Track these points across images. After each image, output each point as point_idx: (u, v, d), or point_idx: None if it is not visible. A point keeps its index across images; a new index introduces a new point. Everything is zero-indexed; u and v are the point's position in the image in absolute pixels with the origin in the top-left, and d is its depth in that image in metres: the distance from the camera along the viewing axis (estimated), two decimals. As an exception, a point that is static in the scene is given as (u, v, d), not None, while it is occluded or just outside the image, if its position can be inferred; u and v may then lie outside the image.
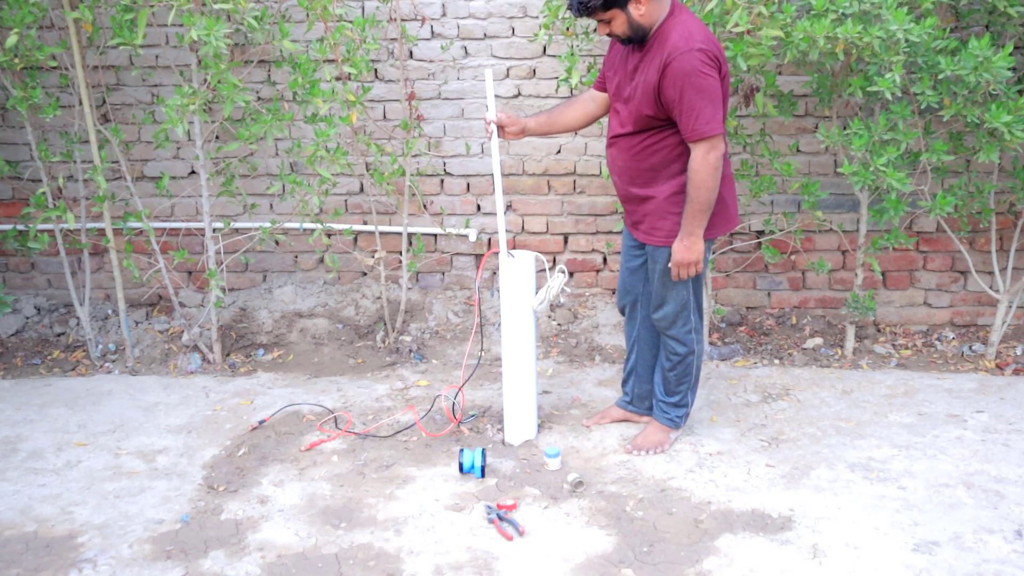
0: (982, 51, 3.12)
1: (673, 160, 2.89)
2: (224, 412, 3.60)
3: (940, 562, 2.54)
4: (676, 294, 3.01)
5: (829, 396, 3.62)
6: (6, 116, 4.36)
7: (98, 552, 2.68)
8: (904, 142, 3.41)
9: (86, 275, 4.17)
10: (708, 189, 2.80)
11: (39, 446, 3.35)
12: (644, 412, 3.34)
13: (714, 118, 2.73)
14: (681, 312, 3.04)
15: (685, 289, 3.01)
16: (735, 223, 3.05)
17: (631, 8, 2.75)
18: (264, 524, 2.81)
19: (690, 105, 2.72)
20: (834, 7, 3.12)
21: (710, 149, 2.76)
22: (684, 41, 2.71)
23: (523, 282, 3.14)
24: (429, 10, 4.18)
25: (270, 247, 4.45)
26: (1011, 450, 3.14)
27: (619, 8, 2.75)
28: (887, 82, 3.21)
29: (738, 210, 3.09)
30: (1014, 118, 3.22)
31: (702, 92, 2.71)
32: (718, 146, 2.77)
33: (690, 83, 2.70)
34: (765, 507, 2.83)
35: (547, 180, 4.32)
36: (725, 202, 2.96)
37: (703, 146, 2.76)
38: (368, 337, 4.27)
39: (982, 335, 4.17)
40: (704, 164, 2.77)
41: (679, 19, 2.78)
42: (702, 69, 2.70)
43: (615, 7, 2.75)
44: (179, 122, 3.55)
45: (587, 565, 2.57)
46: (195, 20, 3.37)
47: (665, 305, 3.04)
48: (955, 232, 3.98)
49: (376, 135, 4.24)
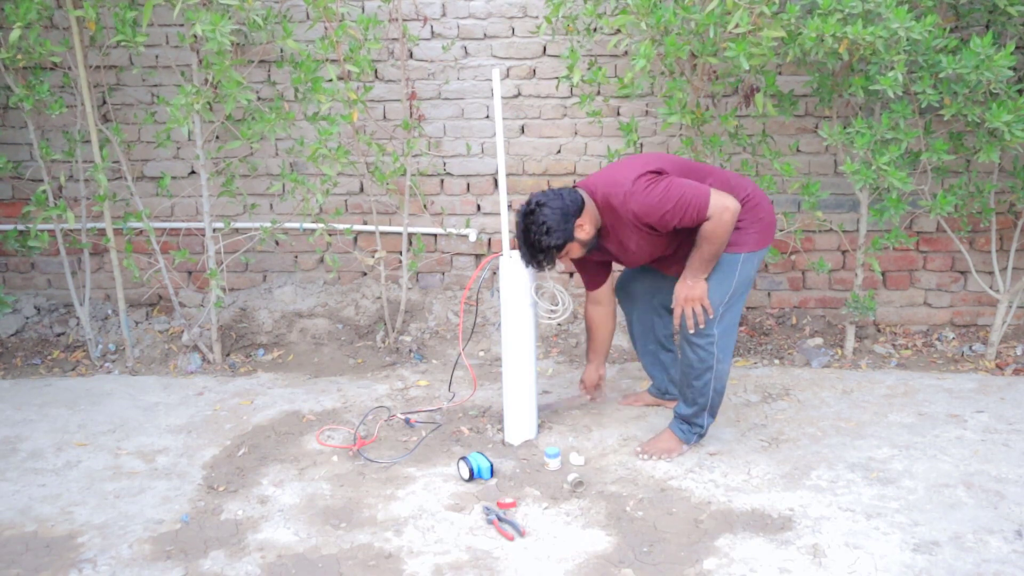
0: (984, 50, 3.12)
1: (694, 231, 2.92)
2: (224, 412, 3.60)
3: (940, 562, 2.54)
4: (714, 296, 2.96)
5: (829, 396, 3.62)
6: (7, 115, 4.36)
7: (98, 552, 2.68)
8: (906, 140, 3.41)
9: (86, 275, 4.17)
10: (720, 243, 2.88)
11: (39, 446, 3.35)
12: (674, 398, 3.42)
13: (698, 194, 2.81)
14: (707, 318, 2.97)
15: (723, 294, 2.96)
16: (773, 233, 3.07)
17: (578, 235, 2.92)
18: (264, 524, 2.81)
19: (677, 210, 2.81)
20: (840, 7, 3.12)
21: (720, 212, 2.82)
22: (621, 190, 2.84)
23: (523, 282, 3.14)
24: (429, 10, 4.18)
25: (270, 247, 4.45)
26: (1011, 450, 3.14)
27: (570, 243, 2.93)
28: (889, 81, 3.21)
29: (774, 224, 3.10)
30: (1014, 117, 3.22)
31: (672, 197, 2.80)
32: (724, 205, 2.82)
33: (660, 204, 2.80)
34: (765, 507, 2.83)
35: (547, 180, 4.32)
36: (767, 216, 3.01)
37: (713, 215, 2.83)
38: (368, 337, 4.27)
39: (982, 335, 4.17)
40: (719, 224, 2.84)
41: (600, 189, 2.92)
42: (652, 188, 2.81)
43: (567, 243, 2.92)
44: (184, 122, 3.55)
45: (587, 565, 2.57)
46: (199, 15, 3.36)
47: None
48: (955, 232, 3.98)
49: (377, 135, 4.24)
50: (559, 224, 2.87)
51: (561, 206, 2.87)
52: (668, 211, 2.80)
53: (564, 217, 2.87)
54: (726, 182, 2.97)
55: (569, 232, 2.89)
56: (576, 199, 2.91)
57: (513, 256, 3.15)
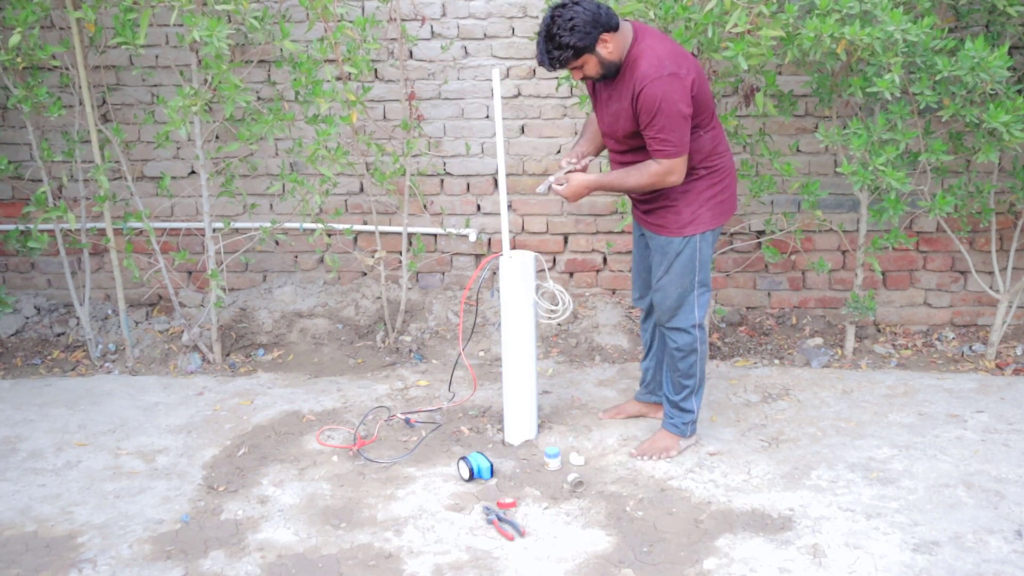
0: (978, 52, 3.12)
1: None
2: (224, 412, 3.60)
3: (940, 562, 2.54)
4: (679, 284, 3.02)
5: (829, 396, 3.62)
6: (7, 116, 4.36)
7: (98, 552, 2.68)
8: (903, 142, 3.41)
9: (86, 275, 4.17)
10: (640, 186, 2.91)
11: (39, 446, 3.35)
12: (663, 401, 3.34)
13: (681, 142, 2.82)
14: (682, 306, 3.03)
15: (689, 280, 3.02)
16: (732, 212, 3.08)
17: (599, 49, 2.81)
18: (264, 524, 2.81)
19: (659, 129, 2.81)
20: (838, 7, 3.13)
21: (671, 171, 2.86)
22: (653, 68, 2.78)
23: (523, 282, 3.14)
24: (429, 10, 4.18)
25: (270, 247, 4.45)
26: (1011, 450, 3.14)
27: (589, 53, 2.82)
28: (886, 83, 3.21)
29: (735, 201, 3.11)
30: (1012, 118, 3.22)
31: (671, 118, 2.79)
32: (679, 169, 2.86)
33: (660, 110, 2.78)
34: (765, 507, 2.83)
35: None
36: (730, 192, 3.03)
37: (666, 164, 2.85)
38: (368, 337, 4.27)
39: (982, 335, 4.17)
40: (657, 175, 2.87)
41: (645, 44, 2.84)
42: (671, 95, 2.77)
43: (585, 53, 2.81)
44: (181, 123, 3.55)
45: (587, 565, 2.57)
46: (197, 21, 3.37)
47: (666, 297, 3.04)
48: (955, 232, 3.98)
49: (376, 135, 4.24)
50: (586, 27, 2.75)
51: (595, 13, 2.76)
52: (653, 119, 2.79)
53: (594, 23, 2.76)
54: (721, 139, 3.00)
55: (593, 39, 2.77)
56: (612, 17, 2.80)
57: (514, 256, 3.15)
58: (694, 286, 3.02)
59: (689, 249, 2.98)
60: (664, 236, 3.01)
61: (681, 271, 3.00)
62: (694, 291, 3.03)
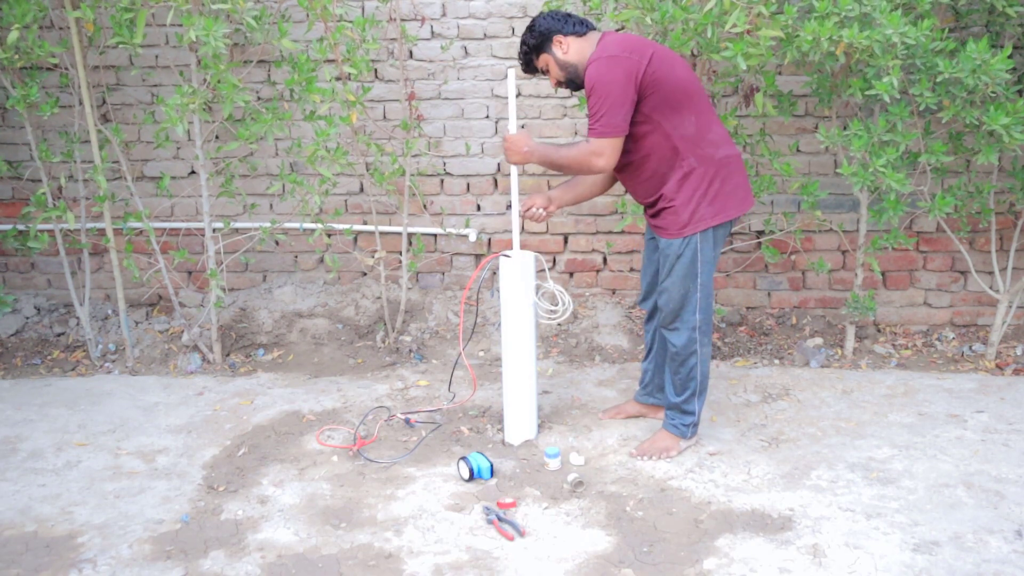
0: (980, 54, 3.12)
1: (664, 158, 2.92)
2: (224, 412, 3.60)
3: (940, 562, 2.54)
4: (681, 286, 3.00)
5: (829, 396, 3.62)
6: (6, 116, 4.37)
7: (98, 552, 2.68)
8: (903, 143, 3.41)
9: (86, 275, 4.17)
10: (567, 161, 2.93)
11: (39, 446, 3.35)
12: (662, 403, 3.33)
13: (610, 124, 2.83)
14: (684, 309, 3.02)
15: (692, 283, 3.00)
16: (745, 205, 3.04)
17: (555, 49, 2.93)
18: (264, 524, 2.81)
19: (591, 108, 2.85)
20: (836, 9, 3.13)
21: (597, 152, 2.87)
22: (596, 54, 2.85)
23: (523, 282, 3.14)
24: (429, 10, 4.18)
25: (270, 247, 4.45)
26: (1011, 450, 3.14)
27: (546, 53, 2.95)
28: (885, 86, 3.21)
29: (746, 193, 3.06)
30: (1012, 120, 3.22)
31: (603, 97, 2.82)
32: (605, 153, 2.87)
33: (594, 89, 2.83)
34: (765, 507, 2.83)
35: (547, 180, 4.32)
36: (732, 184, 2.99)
37: (593, 144, 2.87)
38: (368, 337, 4.27)
39: (982, 335, 4.17)
40: (582, 153, 2.89)
41: (603, 43, 2.89)
42: (606, 75, 2.81)
43: (542, 52, 2.95)
44: (179, 122, 3.55)
45: (587, 565, 2.57)
46: (194, 20, 3.38)
47: (669, 300, 3.03)
48: (955, 232, 3.98)
49: (376, 135, 4.24)
50: (542, 27, 2.93)
51: (557, 19, 2.93)
52: (589, 98, 2.84)
53: (549, 27, 2.92)
54: (715, 129, 2.96)
55: (545, 38, 2.93)
56: (577, 25, 2.94)
57: (514, 256, 3.15)
58: (696, 288, 3.01)
59: (689, 251, 2.96)
60: (666, 239, 3.00)
61: (683, 273, 2.99)
62: (697, 294, 3.02)
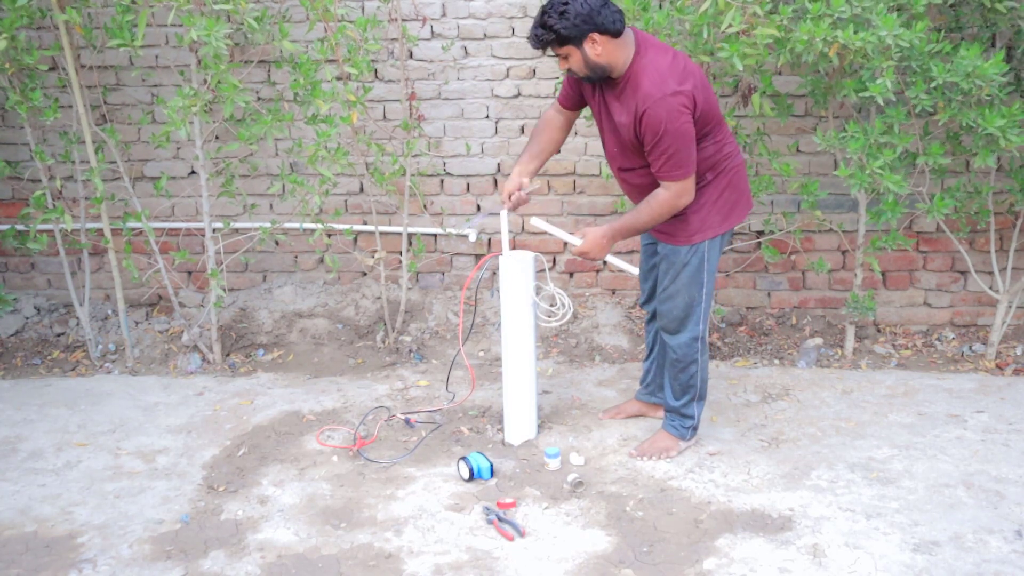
0: (971, 60, 3.12)
1: None
2: (224, 412, 3.60)
3: (940, 562, 2.54)
4: (686, 293, 2.99)
5: (829, 396, 3.62)
6: (6, 116, 4.36)
7: (98, 552, 2.68)
8: (900, 145, 3.41)
9: (86, 275, 4.17)
10: (655, 220, 2.87)
11: (39, 446, 3.35)
12: (663, 402, 3.31)
13: (688, 163, 2.77)
14: (688, 317, 3.01)
15: (698, 291, 2.99)
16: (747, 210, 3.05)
17: (586, 46, 2.72)
18: (264, 524, 2.81)
19: (665, 150, 2.74)
20: (830, 11, 3.12)
21: (681, 193, 2.82)
22: (656, 88, 2.70)
23: (523, 282, 3.14)
24: (429, 10, 4.18)
25: (270, 247, 4.45)
26: (1011, 450, 3.14)
27: (573, 46, 2.73)
28: (879, 88, 3.20)
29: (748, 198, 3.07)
30: (1008, 122, 3.22)
31: (677, 138, 2.72)
32: (689, 190, 2.82)
33: (666, 132, 2.71)
34: (765, 507, 2.83)
35: (547, 180, 4.32)
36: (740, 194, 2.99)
37: (674, 188, 2.80)
38: (368, 337, 4.27)
39: (982, 335, 4.18)
40: (668, 203, 2.83)
41: (647, 59, 2.76)
42: (676, 116, 2.70)
43: (569, 44, 2.72)
44: (181, 124, 3.55)
45: (587, 565, 2.57)
46: (195, 21, 3.37)
47: (673, 307, 3.02)
48: (954, 232, 3.98)
49: (376, 135, 4.24)
50: (576, 18, 2.66)
51: (594, 10, 2.66)
52: (658, 141, 2.72)
53: (588, 19, 2.66)
54: (726, 138, 2.94)
55: (580, 33, 2.68)
56: (616, 22, 2.70)
57: (513, 256, 3.15)
58: (702, 298, 3.00)
59: (696, 258, 2.95)
60: (671, 245, 2.98)
61: (688, 281, 2.97)
62: (702, 303, 3.00)
